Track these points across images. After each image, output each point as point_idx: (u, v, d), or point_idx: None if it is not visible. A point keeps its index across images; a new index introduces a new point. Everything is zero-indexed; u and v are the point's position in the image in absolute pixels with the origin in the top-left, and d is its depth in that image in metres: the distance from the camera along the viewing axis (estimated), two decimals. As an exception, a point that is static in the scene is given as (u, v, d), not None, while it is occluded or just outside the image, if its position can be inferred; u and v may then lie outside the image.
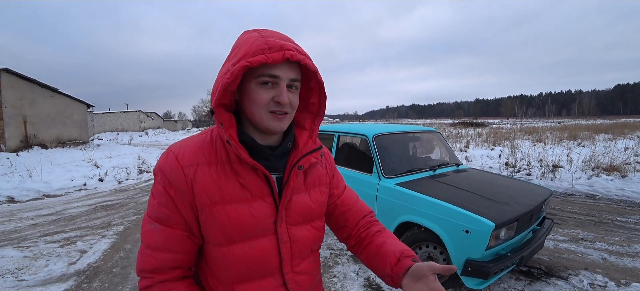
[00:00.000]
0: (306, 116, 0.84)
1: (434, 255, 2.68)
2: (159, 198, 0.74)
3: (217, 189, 0.72)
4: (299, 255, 0.83)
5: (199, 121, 52.25)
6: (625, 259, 3.26)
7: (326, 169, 0.92)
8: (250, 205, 0.74)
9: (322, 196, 0.88)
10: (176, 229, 0.74)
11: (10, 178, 7.69)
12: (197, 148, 0.75)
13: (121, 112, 42.67)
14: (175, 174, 0.72)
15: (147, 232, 0.75)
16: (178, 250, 0.74)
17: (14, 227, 4.65)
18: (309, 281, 0.87)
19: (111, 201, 6.26)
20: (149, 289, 0.73)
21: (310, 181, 0.85)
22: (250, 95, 0.71)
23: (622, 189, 5.87)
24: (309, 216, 0.84)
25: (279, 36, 0.71)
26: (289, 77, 0.70)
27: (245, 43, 0.69)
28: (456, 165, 3.66)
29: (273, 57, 0.66)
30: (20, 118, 13.26)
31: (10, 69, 12.75)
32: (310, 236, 0.84)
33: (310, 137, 0.83)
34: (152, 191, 0.76)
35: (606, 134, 15.10)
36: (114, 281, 3.01)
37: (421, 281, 0.74)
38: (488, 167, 8.27)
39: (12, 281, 3.02)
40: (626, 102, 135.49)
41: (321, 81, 0.77)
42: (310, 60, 0.71)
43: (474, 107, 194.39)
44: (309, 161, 0.81)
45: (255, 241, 0.76)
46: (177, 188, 0.72)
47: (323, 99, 0.81)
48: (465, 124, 32.27)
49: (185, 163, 0.72)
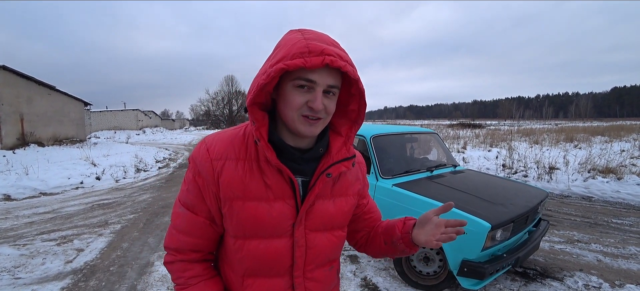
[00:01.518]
0: (344, 122, 0.82)
1: (430, 255, 2.70)
2: (188, 185, 0.79)
3: (241, 185, 0.74)
4: (314, 261, 0.83)
5: (196, 120, 52.14)
6: (620, 260, 3.29)
7: (357, 177, 0.90)
8: (270, 205, 0.75)
9: (347, 206, 0.87)
10: (200, 216, 0.79)
11: (6, 176, 7.64)
12: (228, 142, 0.77)
13: (118, 111, 42.55)
14: (204, 165, 0.76)
15: (176, 214, 0.81)
16: (199, 235, 0.80)
17: (10, 225, 4.63)
18: (320, 290, 0.87)
19: (108, 199, 6.24)
20: (171, 264, 0.82)
21: (337, 189, 0.83)
22: (285, 96, 0.70)
23: (618, 192, 5.92)
24: (331, 224, 0.83)
25: (322, 39, 0.69)
26: (326, 83, 0.68)
27: (286, 44, 0.68)
28: (453, 166, 3.68)
29: (312, 62, 0.64)
30: (17, 116, 13.20)
31: (8, 67, 12.69)
32: (328, 245, 0.84)
33: (345, 145, 0.81)
34: (184, 178, 0.82)
35: (602, 137, 15.18)
36: (110, 280, 3.00)
37: (427, 224, 0.82)
38: (485, 168, 8.30)
39: (9, 279, 3.01)
40: (623, 104, 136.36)
41: (362, 89, 0.75)
42: (352, 67, 0.69)
43: (471, 109, 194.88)
44: (338, 170, 0.79)
45: (270, 240, 0.77)
46: (205, 178, 0.76)
47: (363, 107, 0.78)
48: (462, 125, 32.39)
49: (215, 156, 0.75)
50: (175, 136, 30.66)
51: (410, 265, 2.81)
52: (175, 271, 0.81)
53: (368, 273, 3.08)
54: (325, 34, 0.72)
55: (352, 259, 3.40)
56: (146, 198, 6.27)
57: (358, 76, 0.70)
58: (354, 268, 3.19)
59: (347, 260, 3.37)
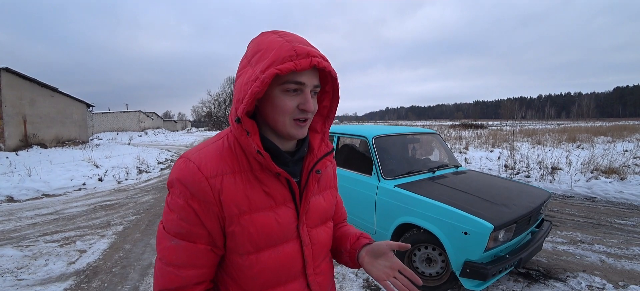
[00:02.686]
0: (317, 119, 0.85)
1: (432, 256, 2.69)
2: (180, 212, 0.69)
3: (245, 198, 0.71)
4: (319, 255, 0.85)
5: (198, 121, 52.29)
6: (623, 261, 3.27)
7: (334, 170, 0.96)
8: (275, 212, 0.75)
9: (333, 198, 0.92)
10: (199, 243, 0.70)
11: (9, 177, 7.68)
12: (218, 156, 0.72)
13: (121, 112, 42.69)
14: (199, 186, 0.68)
15: (168, 249, 0.70)
16: (202, 265, 0.71)
17: (13, 226, 4.65)
18: (327, 281, 0.90)
19: (110, 200, 6.26)
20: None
21: (323, 184, 0.88)
22: (274, 102, 0.69)
23: (621, 192, 5.88)
24: (324, 217, 0.87)
25: (302, 41, 0.70)
26: (313, 83, 0.70)
27: (270, 48, 0.67)
28: (455, 167, 3.67)
29: (301, 65, 0.65)
30: (19, 117, 13.26)
31: (11, 69, 12.75)
32: (326, 237, 0.88)
33: (323, 141, 0.84)
34: (168, 204, 0.71)
35: (605, 137, 15.11)
36: (113, 281, 3.01)
37: (382, 257, 0.82)
38: (487, 169, 8.28)
39: (12, 280, 3.03)
40: (625, 104, 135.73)
41: (337, 86, 0.78)
42: (331, 66, 0.72)
43: (473, 109, 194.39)
44: (324, 165, 0.82)
45: (280, 246, 0.76)
46: (202, 200, 0.68)
47: (335, 103, 0.82)
48: (464, 126, 32.31)
49: (210, 173, 0.69)
50: (177, 137, 30.77)
51: (412, 266, 2.81)
52: None
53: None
54: (297, 34, 0.74)
55: (354, 260, 3.39)
56: (148, 199, 6.29)
57: (336, 74, 0.74)
58: (356, 269, 3.18)
59: (349, 261, 3.37)
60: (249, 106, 0.67)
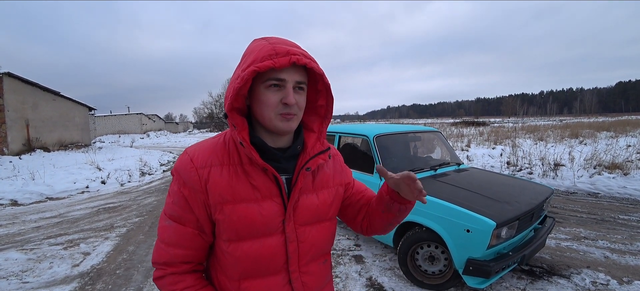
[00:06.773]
0: (314, 119, 0.88)
1: (435, 254, 2.69)
2: (174, 197, 0.79)
3: (229, 188, 0.76)
4: (307, 254, 0.86)
5: (200, 122, 52.38)
6: (627, 257, 3.25)
7: (337, 169, 0.95)
8: (260, 205, 0.78)
9: (330, 197, 0.91)
10: (188, 227, 0.79)
11: (13, 181, 7.72)
12: (210, 150, 0.80)
13: (122, 115, 42.83)
14: (189, 175, 0.77)
15: (163, 228, 0.81)
16: (188, 246, 0.80)
17: (18, 230, 4.67)
18: (316, 283, 0.90)
19: (114, 203, 6.28)
20: (161, 279, 0.81)
21: (318, 183, 0.88)
22: (259, 98, 0.75)
23: (625, 187, 5.85)
24: (318, 216, 0.87)
25: (286, 43, 0.75)
26: (294, 79, 0.74)
27: (254, 50, 0.74)
28: (457, 165, 3.67)
29: (280, 62, 0.70)
30: (22, 122, 13.32)
31: (13, 73, 12.82)
32: (318, 237, 0.88)
33: (318, 140, 0.86)
34: (169, 190, 0.82)
35: (608, 132, 15.04)
36: (117, 283, 3.02)
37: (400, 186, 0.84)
38: (489, 166, 8.26)
39: (17, 283, 3.05)
40: (628, 99, 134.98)
41: (327, 84, 0.80)
42: (316, 64, 0.75)
43: (475, 106, 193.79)
44: (316, 163, 0.84)
45: (263, 239, 0.80)
46: (191, 187, 0.77)
47: (330, 102, 0.85)
48: (466, 124, 32.22)
49: (200, 164, 0.77)
50: (179, 139, 30.82)
51: (415, 264, 2.81)
52: (167, 285, 0.81)
53: (373, 273, 3.08)
54: (287, 39, 0.78)
55: (357, 259, 3.39)
56: (151, 201, 6.31)
57: (322, 71, 0.77)
58: (359, 268, 3.18)
59: (352, 261, 3.37)
60: (234, 101, 0.75)
